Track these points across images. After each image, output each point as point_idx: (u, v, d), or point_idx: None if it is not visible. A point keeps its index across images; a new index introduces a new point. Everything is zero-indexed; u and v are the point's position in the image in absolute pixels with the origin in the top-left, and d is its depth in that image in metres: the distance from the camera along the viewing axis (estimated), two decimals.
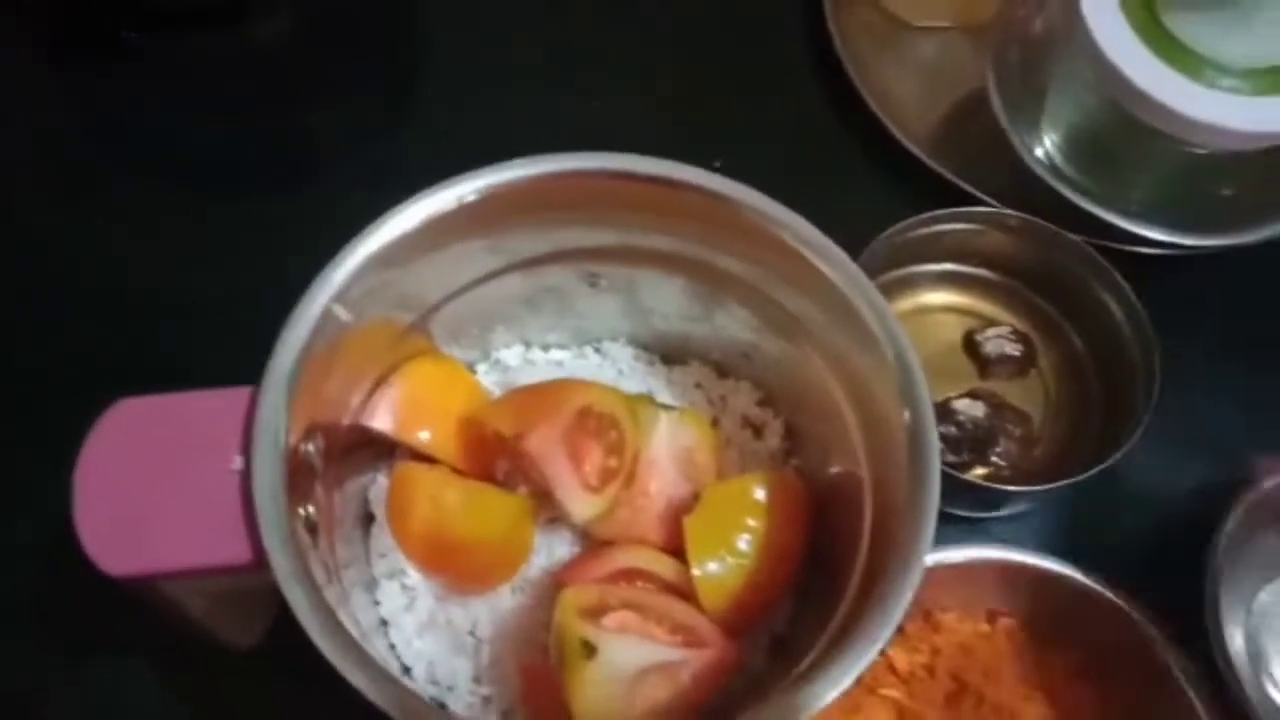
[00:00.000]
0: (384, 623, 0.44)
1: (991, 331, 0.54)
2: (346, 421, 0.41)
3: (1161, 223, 0.54)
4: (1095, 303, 0.53)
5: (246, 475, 0.34)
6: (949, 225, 0.54)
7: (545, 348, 0.49)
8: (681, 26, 0.64)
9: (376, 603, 0.44)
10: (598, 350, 0.49)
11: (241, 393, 0.35)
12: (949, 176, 0.57)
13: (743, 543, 0.41)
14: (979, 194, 0.56)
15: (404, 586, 0.44)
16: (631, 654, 0.38)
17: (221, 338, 0.41)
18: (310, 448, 0.36)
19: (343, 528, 0.43)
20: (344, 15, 0.64)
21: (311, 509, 0.36)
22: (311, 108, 0.61)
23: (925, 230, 0.53)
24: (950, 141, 0.60)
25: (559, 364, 0.48)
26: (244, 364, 0.36)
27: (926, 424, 0.35)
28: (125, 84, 0.60)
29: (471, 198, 0.38)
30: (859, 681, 0.44)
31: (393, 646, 0.43)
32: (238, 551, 0.34)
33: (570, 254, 0.43)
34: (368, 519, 0.45)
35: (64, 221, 0.56)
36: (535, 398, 0.42)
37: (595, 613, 0.39)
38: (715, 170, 0.39)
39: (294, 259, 0.36)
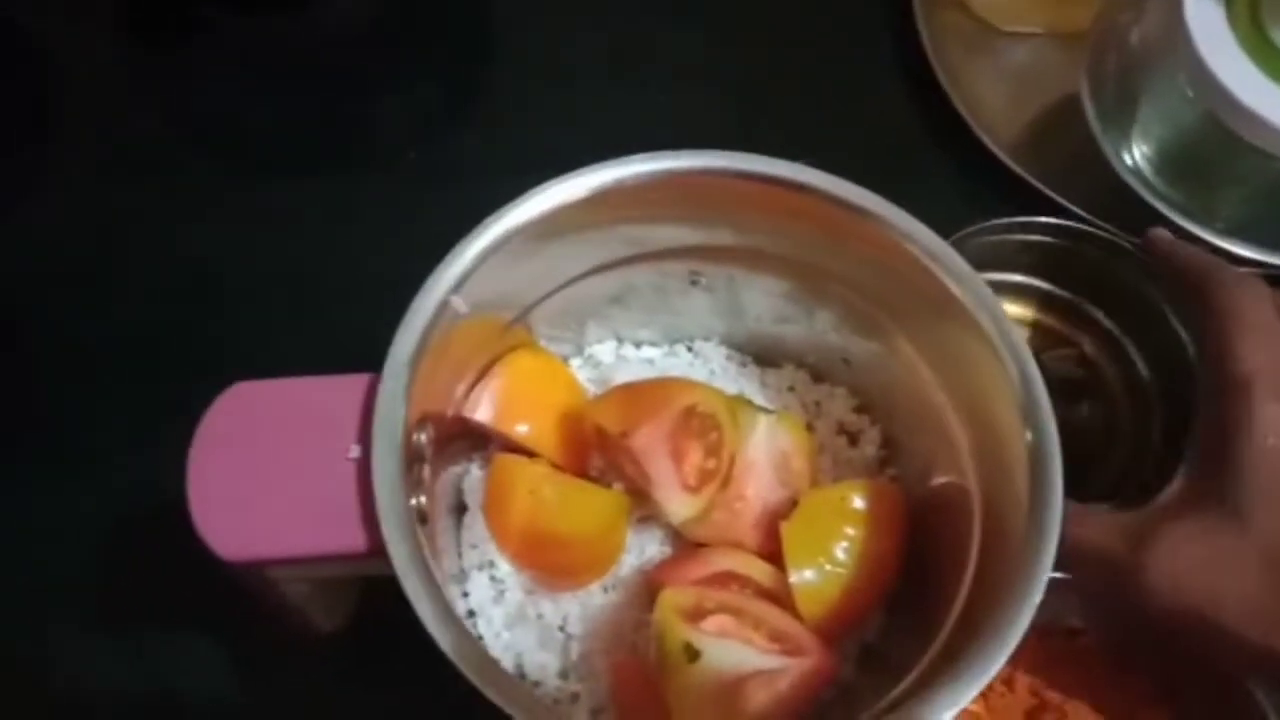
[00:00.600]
0: (471, 614, 0.44)
1: (1057, 352, 0.52)
2: (451, 413, 0.40)
3: (1252, 239, 0.53)
4: (1169, 335, 0.51)
5: (365, 463, 0.34)
6: (1023, 235, 0.53)
7: (637, 344, 0.49)
8: (765, 23, 0.64)
9: (465, 594, 0.44)
10: (690, 349, 0.49)
11: (359, 380, 0.35)
12: (1034, 183, 0.56)
13: (841, 551, 0.41)
14: (1065, 202, 0.56)
15: (493, 579, 0.44)
16: (732, 658, 0.37)
17: (306, 323, 0.40)
18: (423, 438, 0.36)
19: (437, 518, 0.43)
20: (413, 3, 0.63)
21: (424, 499, 0.35)
22: (379, 95, 0.61)
23: (995, 238, 0.52)
24: (1037, 148, 0.59)
25: (650, 361, 0.48)
26: (343, 339, 0.36)
27: (1051, 446, 0.35)
28: (197, 62, 0.61)
29: (592, 192, 0.37)
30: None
31: (480, 638, 0.43)
32: (353, 539, 0.33)
33: (676, 252, 0.42)
34: (459, 510, 0.45)
35: (142, 203, 0.56)
36: (642, 395, 0.41)
37: (694, 615, 0.39)
38: None
39: (387, 244, 0.36)
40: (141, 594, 0.47)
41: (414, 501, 0.35)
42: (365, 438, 0.34)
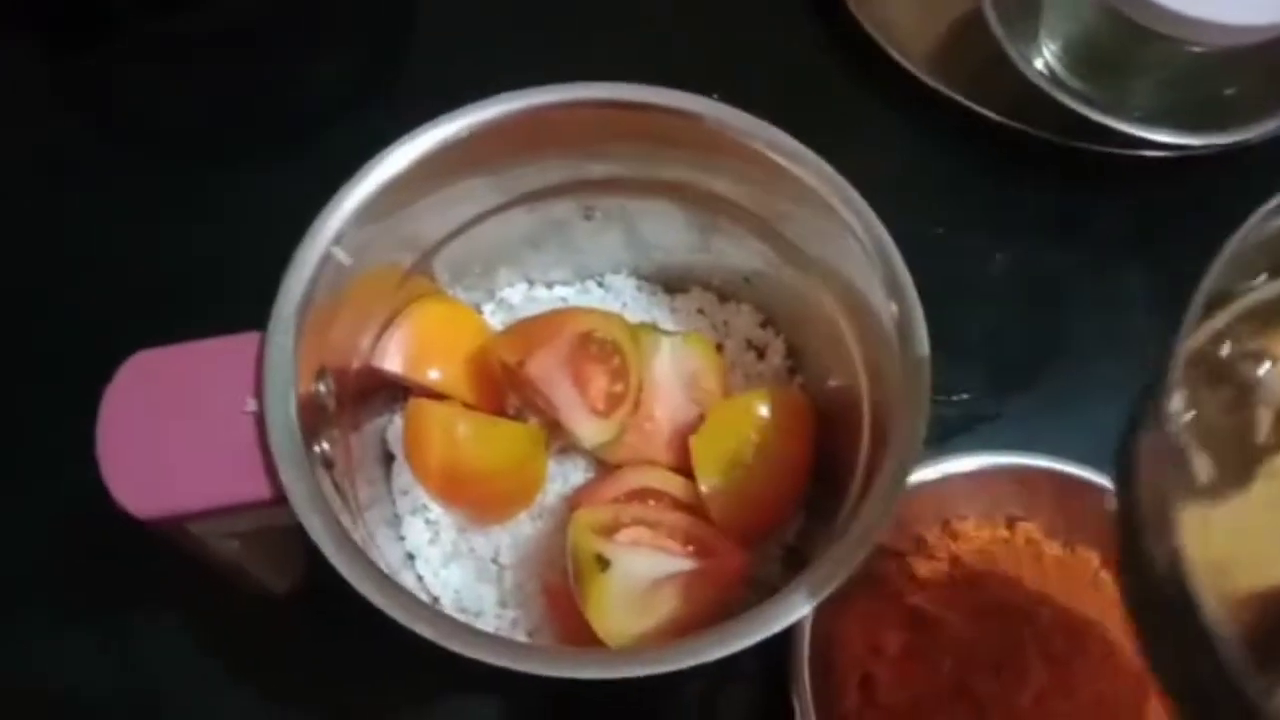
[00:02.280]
0: (411, 557, 0.46)
1: None
2: (357, 364, 0.42)
3: (1168, 125, 0.54)
4: None
5: (260, 415, 0.35)
6: None
7: (549, 285, 0.50)
8: None
9: (402, 538, 0.46)
10: (600, 284, 0.50)
11: (251, 338, 0.37)
12: (950, 94, 0.57)
13: (748, 457, 0.43)
14: (984, 111, 0.56)
15: (427, 521, 0.46)
16: (644, 565, 0.39)
17: (227, 295, 0.42)
18: (321, 388, 0.38)
19: (364, 469, 0.45)
20: None
21: (326, 446, 0.37)
22: (299, 74, 0.62)
23: None
24: (949, 61, 0.60)
25: (563, 300, 0.49)
26: (253, 315, 0.37)
27: (913, 314, 0.36)
28: (114, 59, 0.61)
29: (462, 134, 0.39)
30: (877, 584, 0.45)
31: (420, 578, 0.45)
32: (258, 488, 0.35)
33: (566, 187, 0.44)
34: (388, 459, 0.46)
35: (59, 196, 0.57)
36: (536, 326, 0.43)
37: (608, 530, 0.41)
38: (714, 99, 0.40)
39: (297, 218, 0.37)
40: (100, 577, 0.48)
41: (317, 448, 0.37)
42: (259, 391, 0.36)
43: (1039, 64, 0.57)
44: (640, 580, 0.39)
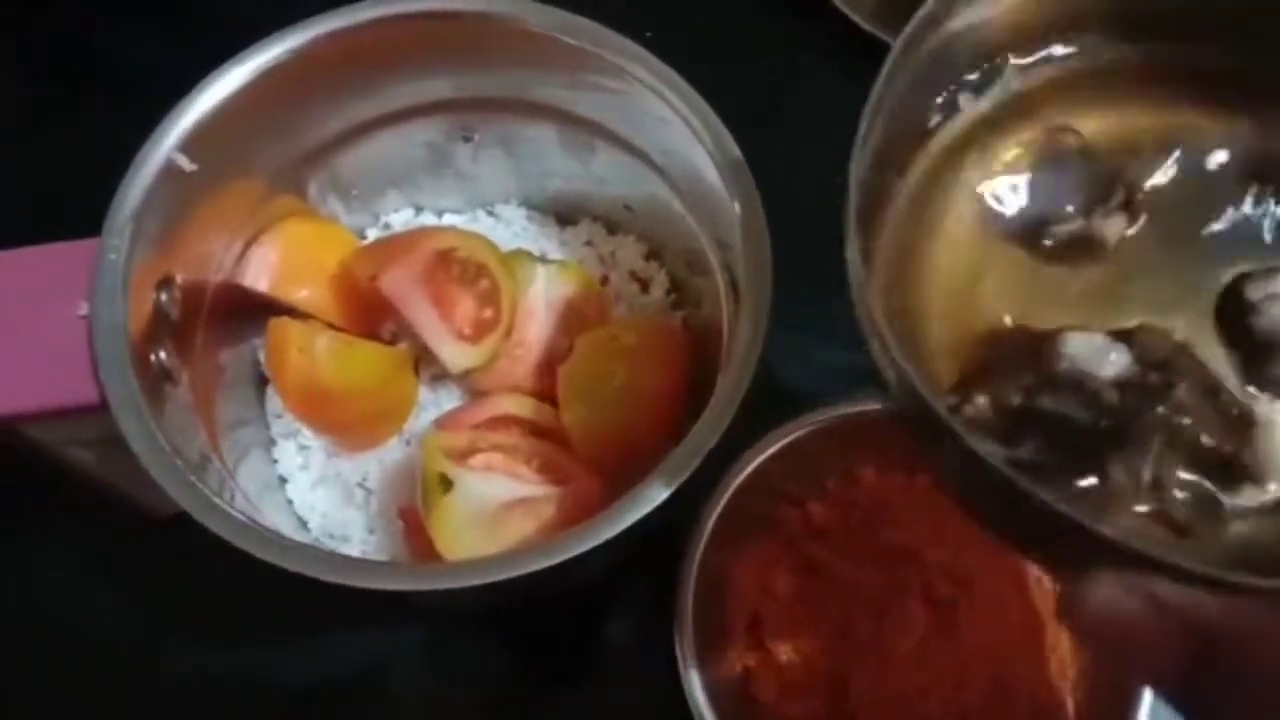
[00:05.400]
0: (283, 481, 0.45)
1: None
2: (217, 278, 0.42)
3: None
4: None
5: (90, 319, 0.35)
6: None
7: (439, 213, 0.49)
8: None
9: (275, 460, 0.45)
10: (491, 213, 0.49)
11: (89, 244, 0.36)
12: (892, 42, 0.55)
13: (614, 388, 0.42)
14: None
15: (300, 446, 0.45)
16: (491, 488, 0.39)
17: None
18: (163, 297, 0.37)
19: (237, 389, 0.45)
20: None
21: (164, 355, 0.37)
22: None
23: None
24: (895, 10, 0.58)
25: (451, 227, 0.49)
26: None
27: (754, 210, 0.36)
28: None
29: (285, 56, 0.38)
30: (773, 528, 0.44)
31: (290, 502, 0.45)
32: (85, 391, 0.35)
33: (429, 108, 0.43)
34: (262, 381, 0.46)
35: None
36: (394, 242, 0.43)
37: (463, 455, 0.40)
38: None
39: None
40: None
41: (154, 358, 0.37)
42: (91, 296, 0.35)
43: None
44: (487, 503, 0.39)
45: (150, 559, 0.46)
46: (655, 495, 0.33)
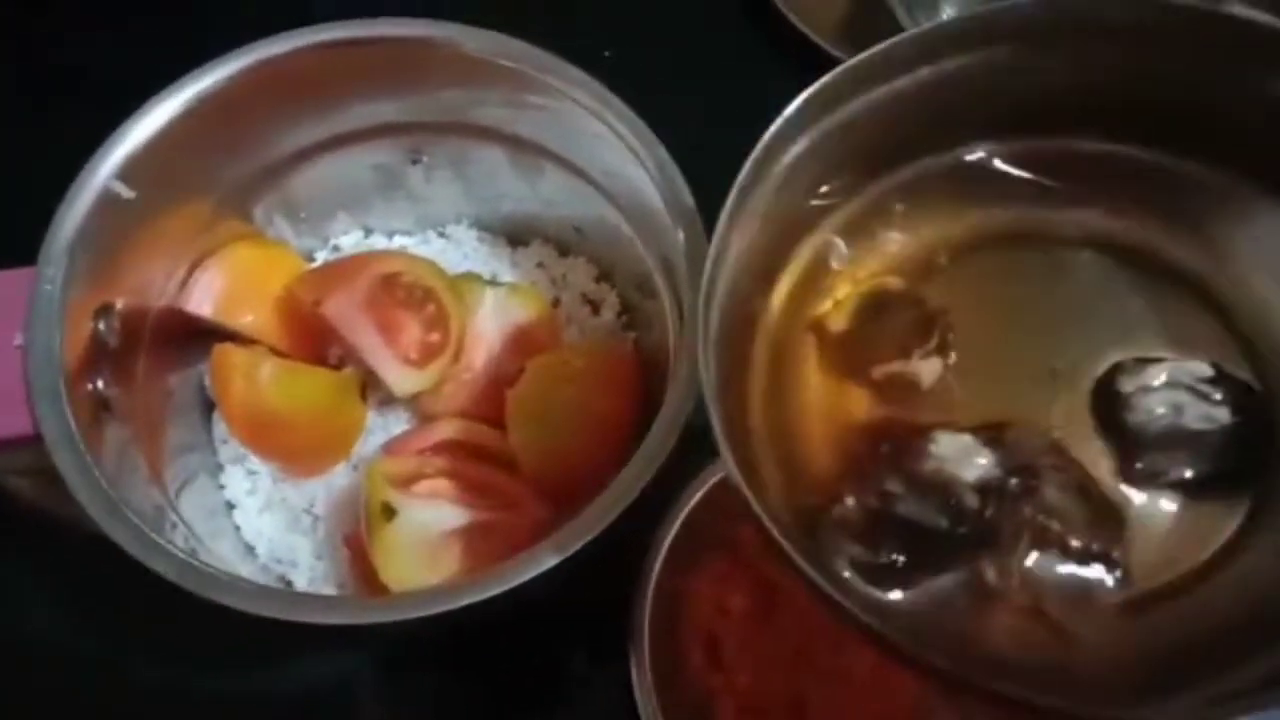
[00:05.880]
0: (230, 506, 0.45)
1: (1164, 371, 0.27)
2: (161, 304, 0.41)
3: None
4: None
5: (24, 350, 0.34)
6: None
7: (389, 235, 0.49)
8: None
9: (222, 486, 0.45)
10: (442, 235, 0.49)
11: (26, 273, 0.36)
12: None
13: (563, 412, 0.42)
14: None
15: (248, 471, 0.45)
16: (435, 516, 0.39)
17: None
18: (101, 326, 0.37)
19: (184, 415, 0.44)
20: None
21: (102, 384, 0.36)
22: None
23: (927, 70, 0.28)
24: (855, 33, 0.58)
25: (401, 250, 0.49)
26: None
27: (697, 234, 0.36)
28: None
29: (223, 82, 0.38)
30: (731, 548, 0.44)
31: (238, 528, 0.44)
32: (19, 422, 0.34)
33: (377, 130, 0.43)
34: (209, 406, 0.46)
35: None
36: (338, 267, 0.42)
37: (408, 481, 0.40)
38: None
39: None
40: None
41: (91, 386, 0.36)
42: (26, 326, 0.35)
43: None
44: (430, 531, 0.38)
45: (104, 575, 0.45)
46: (600, 521, 0.33)
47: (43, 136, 0.52)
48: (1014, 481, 0.26)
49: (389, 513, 0.38)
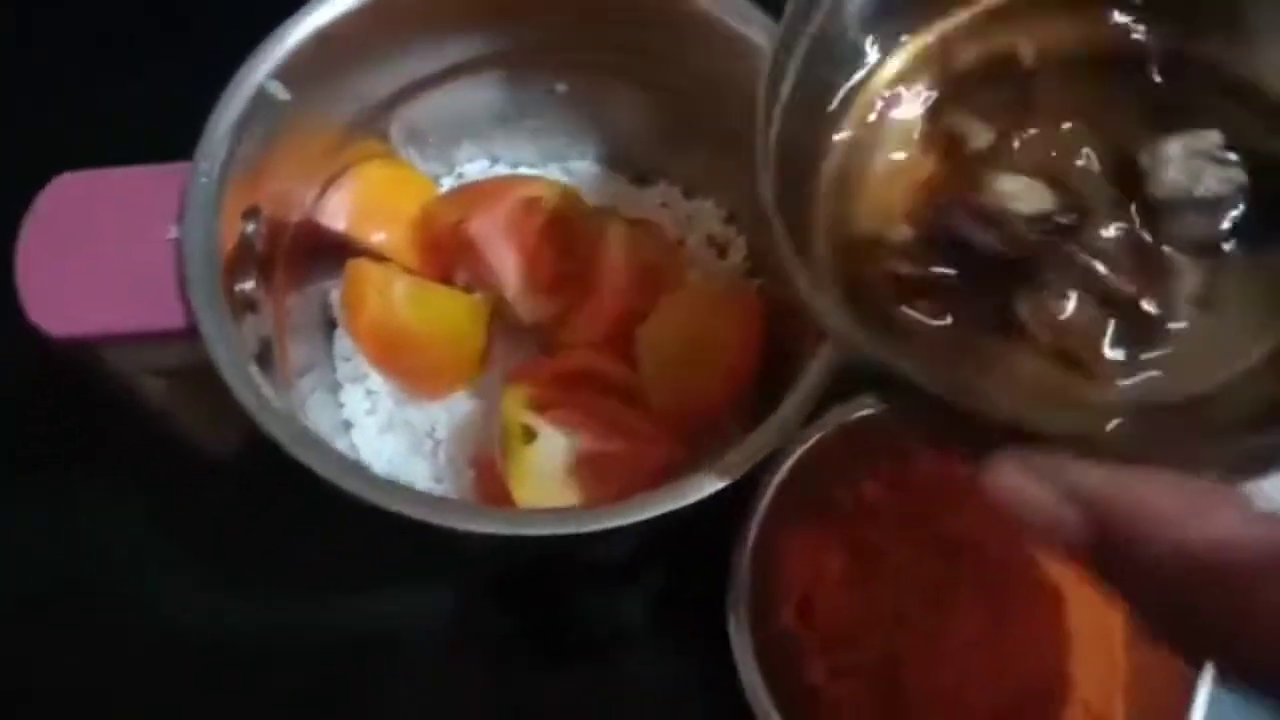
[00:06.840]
0: (348, 425, 0.45)
1: (1183, 143, 0.27)
2: (297, 217, 0.41)
3: None
4: None
5: (179, 242, 0.34)
6: None
7: (514, 165, 0.49)
8: None
9: (341, 405, 0.45)
10: (566, 169, 0.49)
11: (181, 168, 0.36)
12: None
13: (691, 351, 0.41)
14: None
15: (368, 391, 0.45)
16: (569, 443, 0.38)
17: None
18: (249, 227, 0.37)
19: (305, 332, 0.44)
20: None
21: (249, 285, 0.36)
22: None
23: None
24: None
25: (537, 177, 0.48)
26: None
27: None
28: None
29: None
30: (826, 509, 0.44)
31: (355, 447, 0.44)
32: (171, 315, 0.34)
33: (527, 56, 0.42)
34: (330, 325, 0.45)
35: None
36: (482, 188, 0.42)
37: (540, 406, 0.40)
38: None
39: None
40: (43, 443, 0.47)
41: (240, 287, 0.36)
42: (181, 217, 0.35)
43: None
44: (564, 457, 0.38)
45: (208, 501, 0.46)
46: (736, 468, 0.33)
47: (198, 48, 0.51)
48: (1071, 216, 0.27)
49: (529, 435, 0.38)
